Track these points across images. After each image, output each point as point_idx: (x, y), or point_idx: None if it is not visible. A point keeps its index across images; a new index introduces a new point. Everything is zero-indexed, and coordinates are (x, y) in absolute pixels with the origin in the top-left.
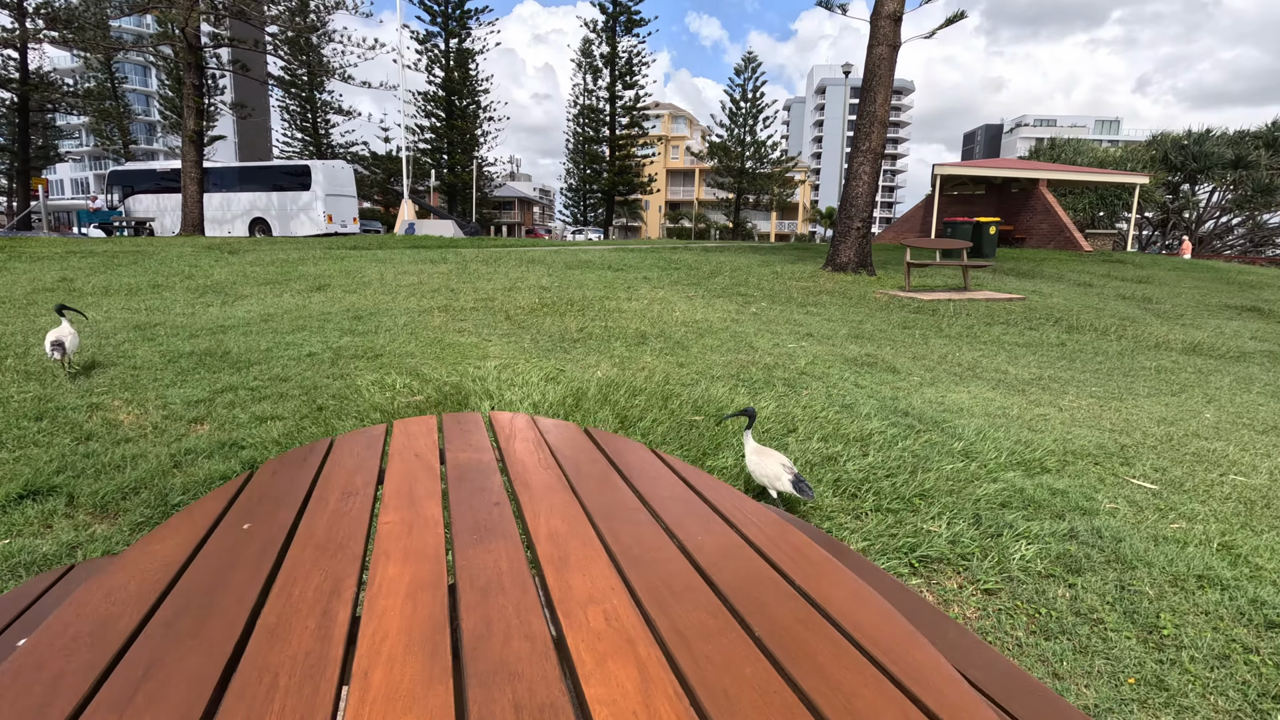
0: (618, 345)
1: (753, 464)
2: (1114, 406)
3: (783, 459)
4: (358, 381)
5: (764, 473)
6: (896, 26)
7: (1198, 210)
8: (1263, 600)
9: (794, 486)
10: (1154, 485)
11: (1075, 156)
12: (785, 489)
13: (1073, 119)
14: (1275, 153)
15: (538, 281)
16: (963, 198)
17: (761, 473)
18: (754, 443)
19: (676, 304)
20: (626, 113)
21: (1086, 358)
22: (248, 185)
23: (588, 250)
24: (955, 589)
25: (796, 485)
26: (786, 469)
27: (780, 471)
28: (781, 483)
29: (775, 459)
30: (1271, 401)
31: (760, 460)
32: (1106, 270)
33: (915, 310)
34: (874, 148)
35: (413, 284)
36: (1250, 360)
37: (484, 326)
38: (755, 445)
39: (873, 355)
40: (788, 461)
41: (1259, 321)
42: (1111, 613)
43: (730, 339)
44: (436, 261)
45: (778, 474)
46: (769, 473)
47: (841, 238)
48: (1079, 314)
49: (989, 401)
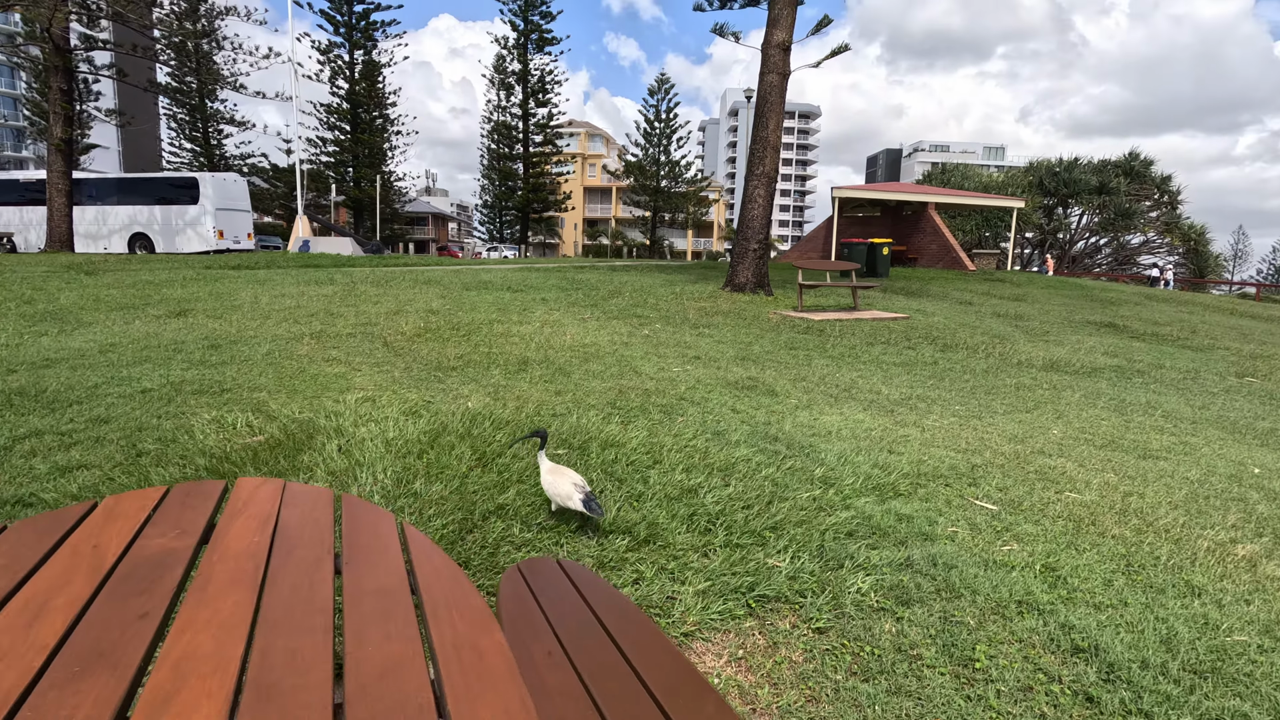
0: (496, 373)
1: (547, 484)
2: (972, 425)
3: (575, 478)
4: (193, 421)
5: (557, 492)
6: (786, 55)
7: (1070, 232)
8: (1072, 625)
9: (584, 505)
10: (994, 506)
11: (963, 181)
12: (577, 507)
13: (964, 145)
14: (1133, 180)
15: (427, 304)
16: (860, 219)
17: (555, 492)
18: (548, 463)
19: (569, 327)
20: (540, 130)
21: (955, 376)
22: (128, 198)
23: (491, 270)
24: (788, 629)
25: (587, 504)
26: (578, 488)
27: (572, 491)
28: (573, 502)
29: (568, 479)
30: (1113, 415)
31: (554, 480)
32: (987, 289)
33: (804, 331)
34: (768, 171)
35: (289, 308)
36: (1100, 375)
37: (356, 354)
38: (550, 465)
39: (755, 378)
40: (580, 480)
41: (1113, 337)
42: (931, 647)
43: (616, 364)
44: (322, 283)
45: (569, 494)
46: (561, 492)
47: (739, 259)
48: (955, 332)
49: (858, 423)
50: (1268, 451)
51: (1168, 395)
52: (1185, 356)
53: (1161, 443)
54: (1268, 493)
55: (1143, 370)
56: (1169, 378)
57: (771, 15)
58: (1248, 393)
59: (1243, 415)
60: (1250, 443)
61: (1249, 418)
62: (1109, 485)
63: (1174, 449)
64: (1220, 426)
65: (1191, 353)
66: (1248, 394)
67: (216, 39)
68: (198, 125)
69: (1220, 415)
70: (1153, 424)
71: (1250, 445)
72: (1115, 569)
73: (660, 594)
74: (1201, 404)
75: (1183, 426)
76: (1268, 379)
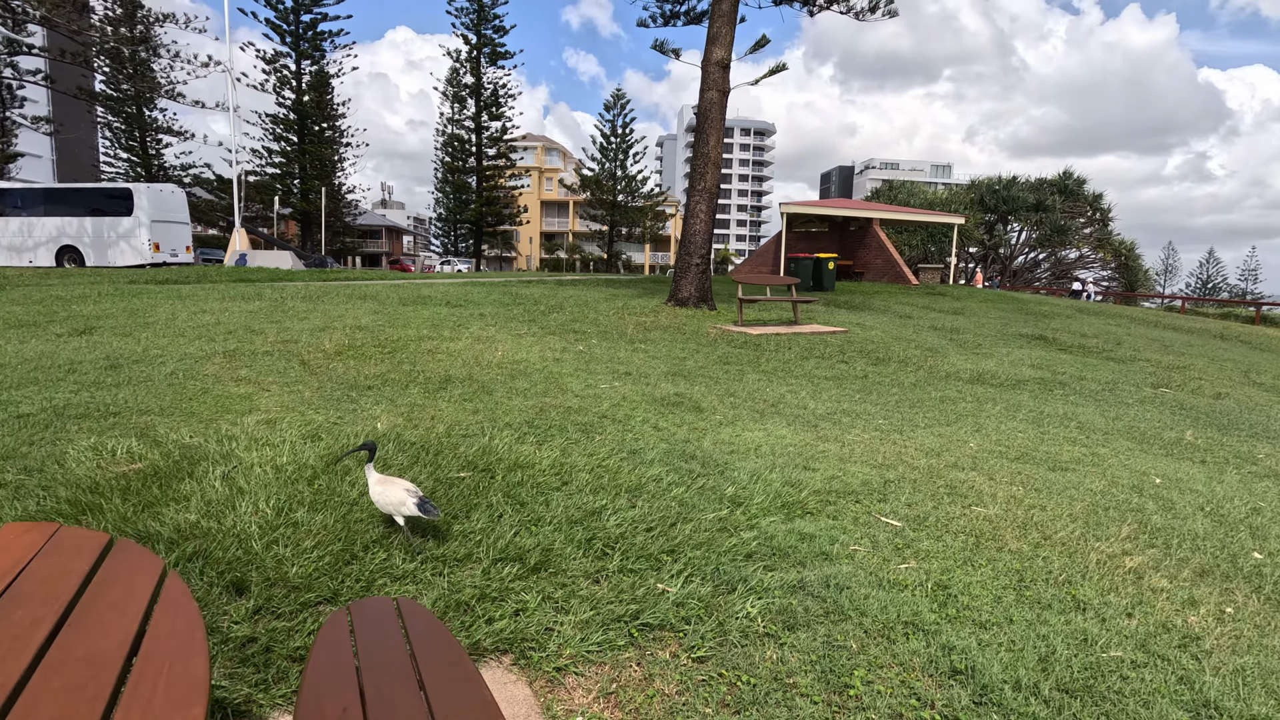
0: (415, 392)
1: (376, 495)
2: (893, 439)
3: (407, 485)
4: (68, 449)
5: (388, 501)
6: (725, 73)
7: (1010, 247)
8: (953, 646)
9: (419, 509)
10: (899, 523)
11: (909, 198)
12: (411, 513)
13: (913, 163)
14: (1067, 198)
15: (357, 320)
16: (810, 235)
17: (385, 502)
18: (377, 474)
19: (502, 343)
20: (494, 143)
21: (883, 390)
22: (56, 209)
23: (435, 284)
24: (667, 659)
25: (422, 508)
26: (411, 494)
27: (405, 497)
28: (407, 508)
29: (399, 486)
30: (1030, 428)
31: (384, 490)
32: (928, 302)
33: (741, 345)
34: (709, 187)
35: (207, 324)
36: (1024, 388)
37: (269, 374)
38: (379, 476)
39: (683, 394)
40: (412, 486)
41: (1042, 350)
42: (809, 674)
43: (543, 380)
44: (250, 298)
45: (402, 500)
46: (393, 500)
47: (682, 274)
48: (890, 346)
49: (780, 439)
50: (1171, 461)
51: (1085, 407)
52: (1107, 368)
53: (1072, 454)
54: (1164, 503)
55: (1065, 382)
56: (1089, 389)
57: (711, 33)
58: (1160, 403)
59: (1152, 426)
60: (1156, 453)
61: (1157, 428)
62: (1015, 499)
63: (1083, 460)
64: (1130, 437)
65: (1114, 364)
66: (1160, 405)
67: (153, 46)
68: (135, 134)
69: (1131, 426)
70: (1067, 436)
71: (1155, 455)
72: (1007, 585)
73: (539, 626)
74: (1115, 415)
75: (1095, 438)
76: (1181, 389)
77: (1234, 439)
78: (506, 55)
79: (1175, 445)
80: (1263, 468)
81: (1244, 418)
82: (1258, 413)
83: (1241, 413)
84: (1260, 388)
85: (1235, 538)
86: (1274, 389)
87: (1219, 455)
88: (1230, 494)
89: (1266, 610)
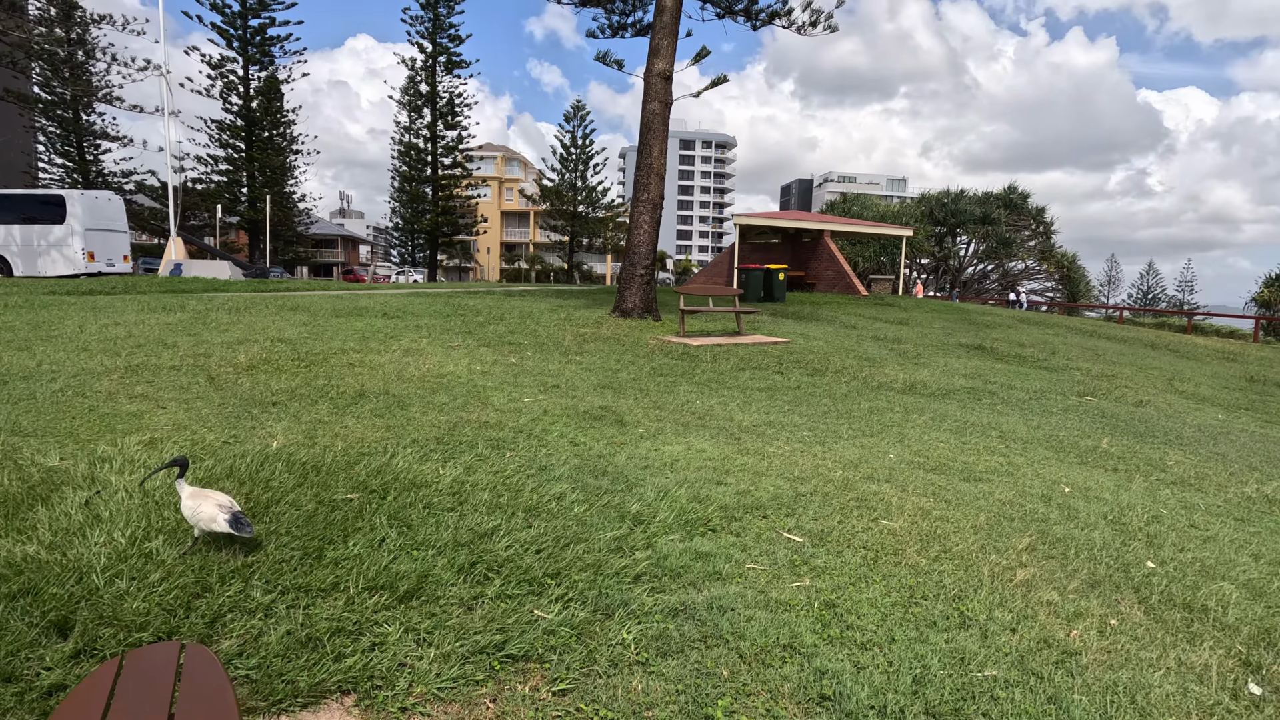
0: (323, 408)
1: (188, 510)
2: (814, 451)
3: (221, 499)
4: None
5: (200, 516)
6: (667, 85)
7: (959, 259)
8: (827, 670)
9: (232, 525)
10: (801, 538)
11: (861, 210)
12: (222, 529)
13: (870, 176)
14: (1012, 211)
15: (281, 333)
16: (764, 246)
17: (198, 517)
18: (189, 488)
19: (430, 356)
20: (449, 152)
21: (814, 400)
22: None
23: (376, 295)
24: (526, 693)
25: (235, 524)
26: (224, 509)
27: (216, 513)
28: (218, 524)
29: (212, 500)
30: (952, 438)
31: (196, 505)
32: (875, 313)
33: (679, 356)
34: (652, 198)
35: (116, 338)
36: (953, 397)
37: (169, 390)
38: (191, 490)
39: (609, 407)
40: (226, 500)
41: (979, 359)
42: (671, 706)
43: (465, 394)
44: (171, 309)
45: (213, 516)
46: (205, 515)
47: (627, 284)
48: (829, 356)
49: (699, 453)
50: (1084, 469)
51: (1009, 416)
52: (1039, 377)
53: (989, 464)
54: (1069, 512)
55: (994, 391)
56: (1016, 398)
57: (653, 44)
58: (1083, 412)
59: (1071, 434)
60: (1071, 461)
61: (1076, 436)
62: (923, 511)
63: (998, 470)
64: (1048, 446)
65: (1046, 373)
66: (1083, 413)
67: (90, 48)
68: (71, 139)
69: (1051, 435)
70: (987, 445)
71: (1070, 464)
72: (896, 601)
73: (393, 662)
74: (1038, 424)
75: (1014, 447)
76: (1106, 397)
77: (1148, 446)
78: (463, 64)
79: (1090, 453)
80: (1170, 475)
81: (1161, 425)
82: (1175, 419)
83: (1159, 420)
84: (1181, 395)
85: (1131, 547)
86: (1194, 395)
87: (1131, 463)
88: (1134, 502)
89: (1148, 622)
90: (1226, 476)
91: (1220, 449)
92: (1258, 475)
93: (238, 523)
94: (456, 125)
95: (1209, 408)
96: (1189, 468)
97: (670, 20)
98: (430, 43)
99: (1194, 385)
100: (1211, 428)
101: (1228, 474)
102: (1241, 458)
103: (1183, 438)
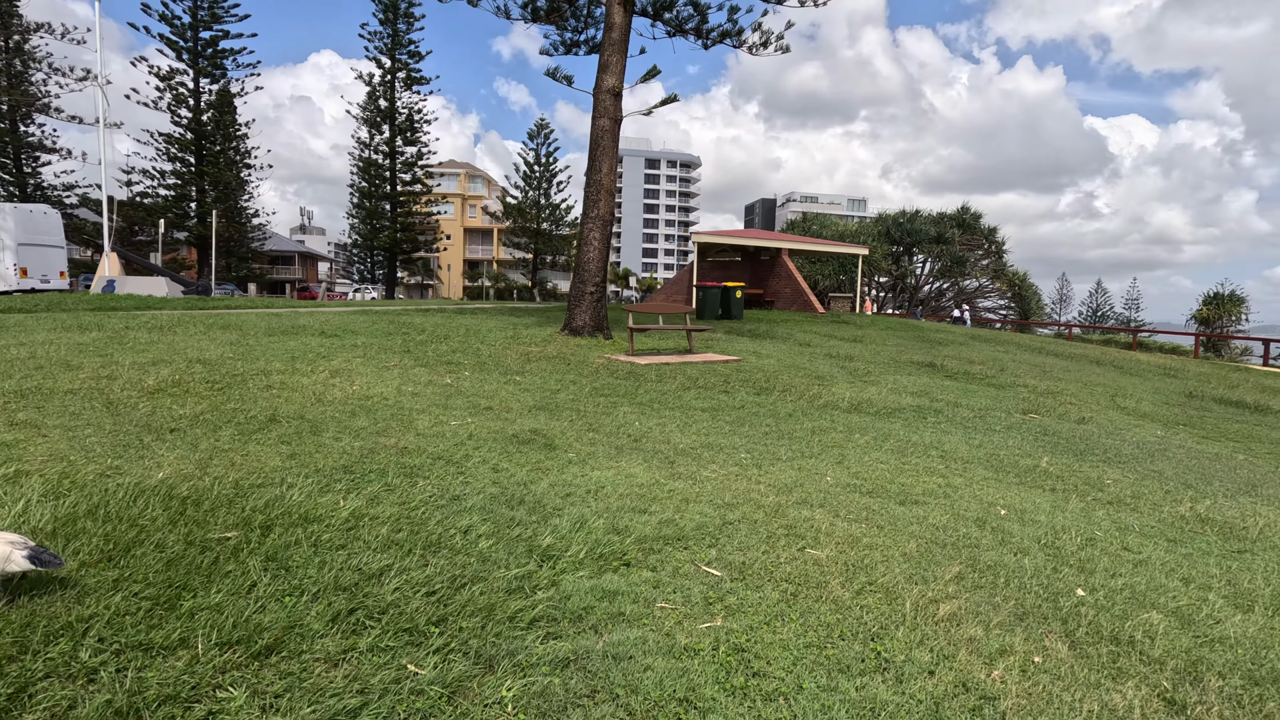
0: (227, 434)
1: None
2: (750, 474)
3: (10, 536)
4: None
5: None
6: (617, 101)
7: (916, 277)
8: None
9: (32, 561)
10: (720, 572)
11: (820, 229)
12: (20, 568)
13: (831, 197)
14: (965, 231)
15: (201, 353)
16: (724, 264)
17: None
18: None
19: (361, 377)
20: (409, 168)
21: (757, 421)
22: None
23: (320, 313)
24: None
25: (35, 560)
26: (16, 545)
27: (8, 550)
28: (13, 564)
29: (1, 539)
30: (892, 458)
31: None
32: (830, 330)
33: (625, 376)
34: (603, 215)
35: (16, 359)
36: (898, 416)
37: (57, 415)
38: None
39: (540, 430)
40: (17, 537)
41: (928, 377)
42: None
43: (389, 418)
44: (87, 328)
45: (6, 555)
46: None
47: (576, 302)
48: (779, 375)
49: (629, 479)
50: (1021, 490)
51: (952, 434)
52: (985, 394)
53: (927, 486)
54: (1002, 536)
55: (940, 409)
56: (961, 416)
57: (602, 61)
58: (1026, 429)
59: (1012, 453)
60: (1010, 482)
61: (1016, 455)
62: (853, 538)
63: (935, 492)
64: (989, 465)
65: (993, 390)
66: (1025, 431)
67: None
68: (8, 151)
69: (992, 454)
70: (927, 465)
71: (1008, 484)
72: (811, 643)
73: None
74: (979, 442)
75: (954, 467)
76: (1049, 414)
77: (1087, 465)
78: (422, 80)
79: (1030, 473)
80: (1107, 494)
81: (1101, 442)
82: (1115, 436)
83: (1100, 436)
84: (1123, 411)
85: (1062, 574)
86: (1135, 412)
87: (1069, 482)
88: (1069, 524)
89: (1073, 659)
90: (1162, 495)
91: (1157, 466)
92: (1192, 493)
93: (38, 557)
94: (416, 141)
95: (1149, 424)
96: (1125, 486)
97: (619, 37)
98: (389, 58)
99: (1135, 401)
100: (1150, 444)
101: (1163, 492)
102: (1177, 475)
103: (1121, 455)
